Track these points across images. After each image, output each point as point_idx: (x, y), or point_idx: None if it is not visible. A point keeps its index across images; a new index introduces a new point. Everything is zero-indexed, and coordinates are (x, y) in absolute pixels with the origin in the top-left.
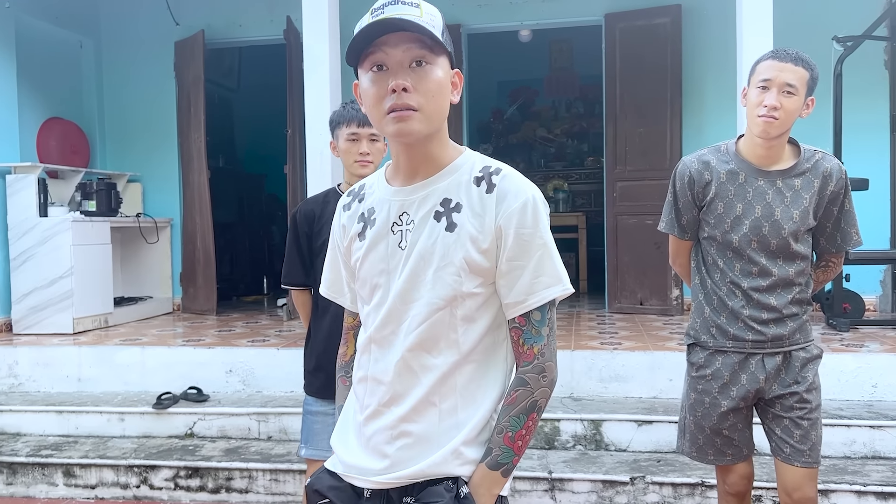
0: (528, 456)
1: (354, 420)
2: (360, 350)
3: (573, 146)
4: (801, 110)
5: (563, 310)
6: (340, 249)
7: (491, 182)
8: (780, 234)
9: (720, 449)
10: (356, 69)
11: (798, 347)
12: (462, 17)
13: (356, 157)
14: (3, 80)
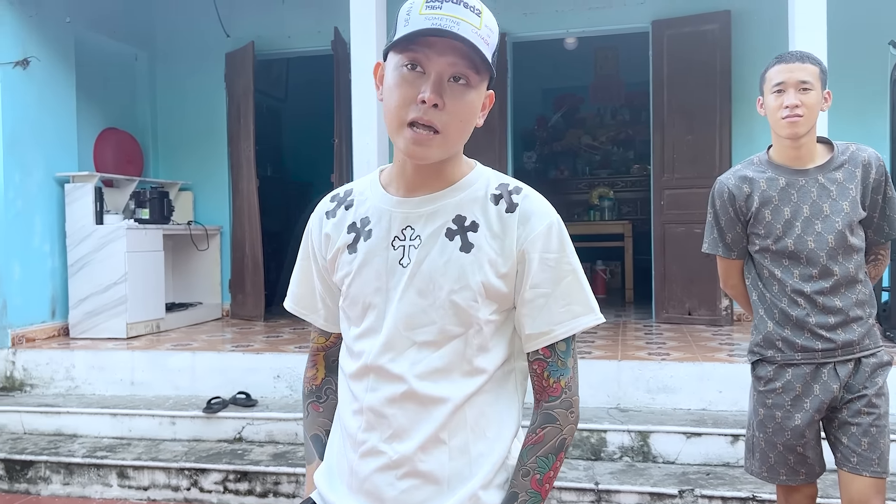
0: (574, 467)
1: (344, 457)
2: (351, 377)
3: (619, 153)
4: (820, 104)
5: (610, 320)
6: (319, 261)
7: (511, 201)
8: (834, 228)
9: (793, 468)
10: (386, 53)
11: (868, 353)
12: (507, 25)
13: None
14: (64, 93)
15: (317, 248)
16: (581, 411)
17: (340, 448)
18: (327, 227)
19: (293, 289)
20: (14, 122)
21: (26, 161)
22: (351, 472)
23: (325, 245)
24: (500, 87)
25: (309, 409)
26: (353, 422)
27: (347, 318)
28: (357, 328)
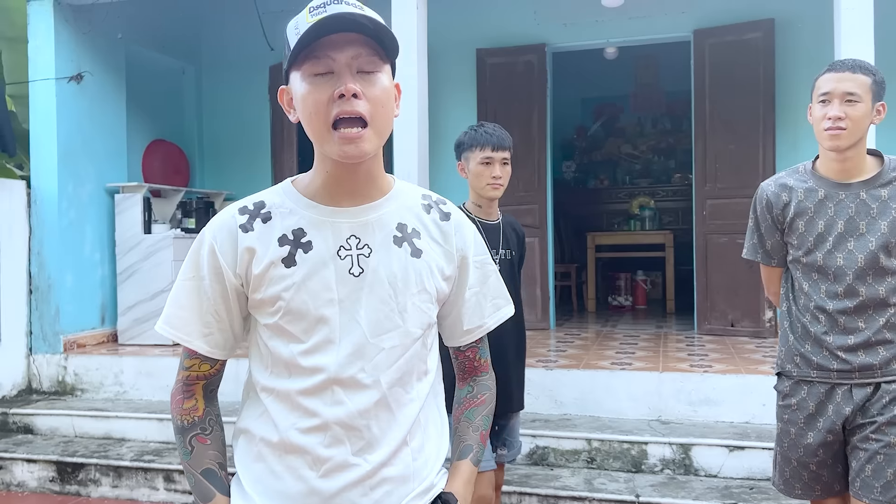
0: (615, 479)
1: (296, 481)
2: (300, 394)
3: (659, 163)
4: (870, 117)
5: (650, 331)
6: (228, 279)
7: (442, 211)
8: (867, 247)
9: (808, 483)
10: (288, 74)
11: (891, 379)
12: (547, 36)
13: (488, 181)
14: (114, 106)
15: (226, 264)
16: (622, 423)
17: (285, 473)
18: (247, 242)
19: (172, 310)
20: (68, 135)
21: (79, 172)
22: (310, 493)
23: (247, 260)
24: (540, 97)
25: (193, 442)
26: (309, 440)
27: (284, 335)
28: (303, 344)
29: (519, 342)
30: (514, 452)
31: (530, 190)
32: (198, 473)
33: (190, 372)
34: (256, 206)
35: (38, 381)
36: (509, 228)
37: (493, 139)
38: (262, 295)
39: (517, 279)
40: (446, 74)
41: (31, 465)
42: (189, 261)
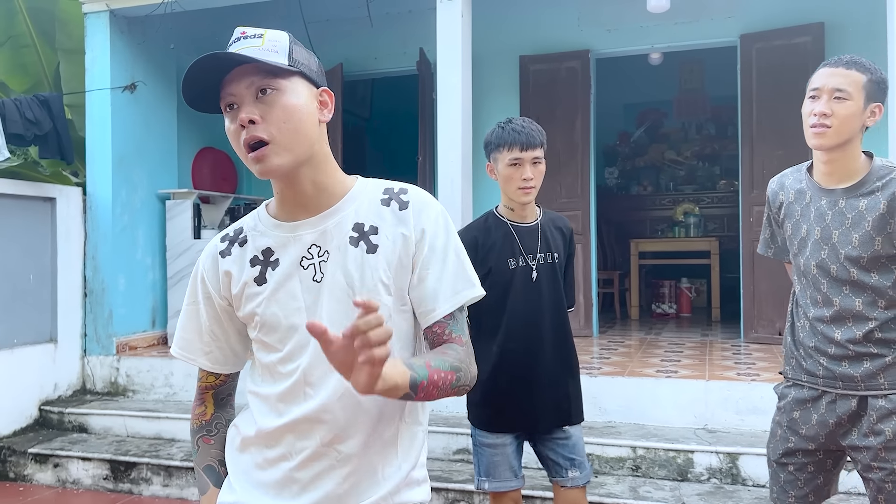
0: (660, 487)
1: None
2: (278, 398)
3: (704, 169)
4: (861, 118)
5: (695, 338)
6: (216, 301)
7: (402, 200)
8: (838, 259)
9: (783, 487)
10: None
11: (877, 394)
12: (590, 42)
13: (519, 184)
14: (166, 115)
15: (213, 289)
16: (667, 431)
17: (266, 464)
18: (225, 266)
19: (180, 334)
20: (122, 143)
21: (132, 179)
22: (288, 481)
23: (226, 283)
24: (583, 103)
25: (199, 442)
26: (283, 434)
27: (264, 346)
28: (280, 353)
29: (561, 349)
30: (586, 474)
31: (573, 196)
32: (199, 469)
33: (201, 382)
34: (236, 232)
35: (91, 382)
36: (551, 228)
37: (521, 137)
38: (242, 312)
39: (562, 283)
40: (489, 81)
41: (86, 464)
42: (189, 287)
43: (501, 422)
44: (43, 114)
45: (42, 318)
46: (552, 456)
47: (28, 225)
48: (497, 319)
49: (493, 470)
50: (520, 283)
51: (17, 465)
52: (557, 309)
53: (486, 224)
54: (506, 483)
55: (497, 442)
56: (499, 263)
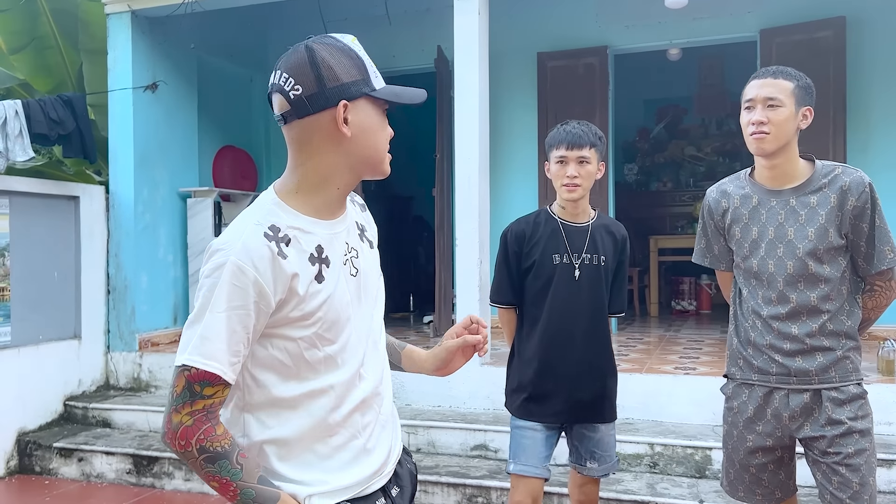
0: (678, 484)
1: (353, 450)
2: (340, 388)
3: (724, 165)
4: (795, 122)
5: (715, 336)
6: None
7: (356, 200)
8: (795, 254)
9: (749, 487)
10: (354, 95)
11: (830, 387)
12: (609, 38)
13: (563, 181)
14: (187, 113)
15: (270, 291)
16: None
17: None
18: (291, 268)
19: (202, 343)
20: (144, 142)
21: (154, 177)
22: (355, 454)
23: (292, 284)
24: (602, 100)
25: (239, 460)
26: (356, 416)
27: (320, 340)
28: (335, 345)
29: (597, 349)
30: (606, 467)
31: (592, 193)
32: (255, 484)
33: (214, 399)
34: (273, 231)
35: (115, 378)
36: (602, 232)
37: (568, 136)
38: (301, 312)
39: (605, 285)
40: (507, 78)
41: (110, 458)
42: (222, 291)
43: (531, 410)
44: (66, 113)
45: (66, 314)
46: (576, 445)
47: (52, 223)
48: (538, 311)
49: (520, 452)
50: (562, 280)
51: (42, 458)
52: (597, 309)
53: (537, 219)
54: (529, 468)
55: (528, 425)
56: (543, 258)
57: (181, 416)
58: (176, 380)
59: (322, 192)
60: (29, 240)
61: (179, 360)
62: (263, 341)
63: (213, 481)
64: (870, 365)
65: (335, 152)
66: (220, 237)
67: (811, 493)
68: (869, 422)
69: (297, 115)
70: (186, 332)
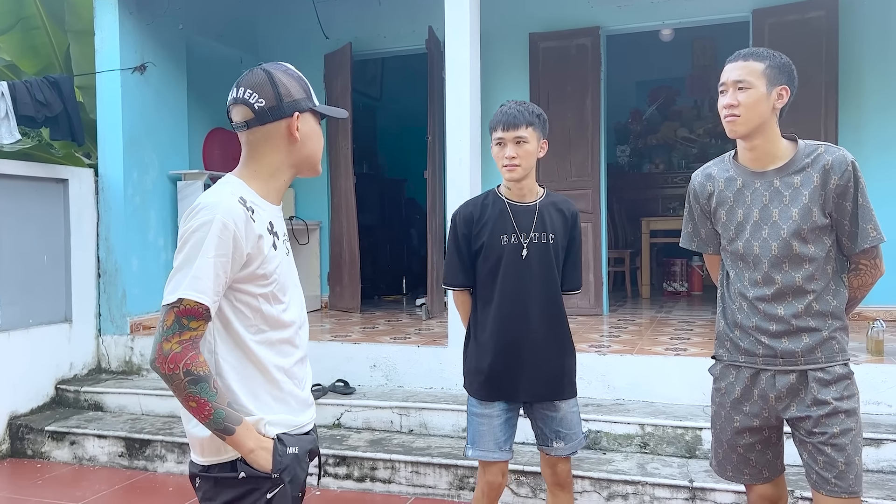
0: (668, 464)
1: (295, 397)
2: (287, 341)
3: (717, 146)
4: (768, 102)
5: (706, 317)
6: (237, 256)
7: None
8: (780, 235)
9: (737, 466)
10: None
11: (816, 367)
12: (601, 18)
13: (503, 162)
14: (176, 95)
15: (244, 243)
16: (675, 409)
17: (285, 394)
18: (257, 229)
19: (195, 282)
20: (132, 124)
21: (143, 160)
22: (298, 401)
23: (255, 242)
24: (594, 81)
25: (216, 385)
26: (296, 368)
27: (273, 299)
28: (282, 304)
29: (552, 326)
30: (573, 444)
31: (583, 175)
32: (225, 406)
33: (197, 332)
34: (243, 201)
35: (106, 361)
36: (551, 210)
37: (504, 118)
38: (265, 269)
39: (556, 263)
40: (499, 59)
41: (102, 441)
42: (213, 241)
43: (489, 389)
44: (53, 95)
45: (57, 298)
46: (540, 426)
47: (41, 206)
48: (490, 292)
49: (478, 439)
50: (510, 259)
51: (34, 442)
52: (548, 287)
53: (485, 201)
54: (488, 454)
55: (485, 412)
56: (491, 239)
57: (171, 344)
58: (166, 315)
59: (271, 182)
60: (17, 223)
61: (174, 297)
62: (231, 296)
63: (192, 401)
64: (859, 345)
65: (284, 153)
66: (202, 199)
67: (799, 473)
68: (855, 402)
69: (259, 122)
70: (176, 276)
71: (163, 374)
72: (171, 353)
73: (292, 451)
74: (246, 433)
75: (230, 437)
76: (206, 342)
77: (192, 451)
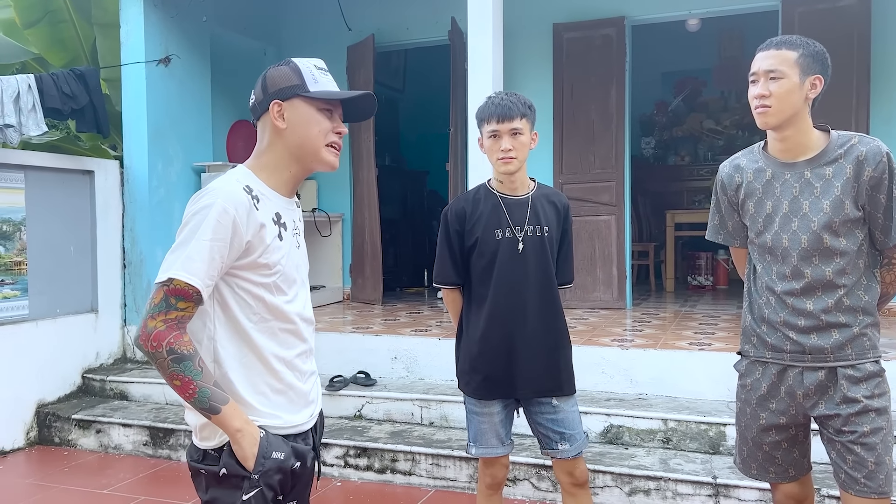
0: (692, 459)
1: (295, 390)
2: (288, 332)
3: (744, 138)
4: (801, 92)
5: (731, 311)
6: (236, 243)
7: (298, 204)
8: (810, 228)
9: (762, 465)
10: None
11: (846, 365)
12: (626, 8)
13: (498, 155)
14: (200, 88)
15: (244, 230)
16: (699, 404)
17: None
18: (261, 218)
19: (188, 263)
20: (157, 116)
21: (167, 152)
22: (299, 395)
23: (257, 230)
24: (618, 72)
25: (201, 363)
26: (298, 360)
27: (276, 289)
28: (286, 296)
29: (548, 320)
30: (578, 445)
31: (607, 167)
32: (211, 386)
33: (185, 313)
34: (249, 189)
35: (131, 351)
36: (543, 202)
37: (498, 109)
38: (267, 259)
39: (551, 256)
40: (523, 51)
41: (127, 430)
42: (211, 225)
43: (486, 389)
44: (79, 88)
45: (83, 288)
46: (542, 429)
47: (68, 198)
48: (485, 288)
49: (480, 437)
50: (506, 254)
51: (61, 430)
52: (545, 280)
53: (476, 196)
54: (491, 450)
55: (485, 410)
56: (485, 234)
57: (156, 322)
58: (155, 293)
59: (277, 173)
60: (45, 214)
61: (165, 275)
62: (233, 283)
63: (176, 380)
64: (890, 341)
65: (280, 142)
66: (208, 186)
67: (826, 471)
68: (886, 400)
69: (256, 116)
70: (171, 255)
71: (146, 351)
72: (154, 331)
73: (277, 455)
74: (233, 412)
75: (216, 417)
76: (206, 329)
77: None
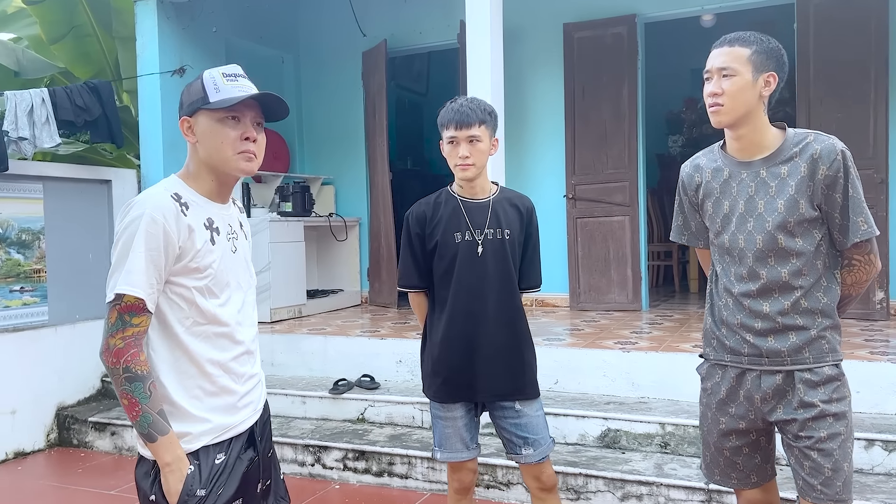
0: (687, 465)
1: (231, 392)
2: (222, 336)
3: None
4: (754, 89)
5: None
6: (170, 249)
7: (238, 205)
8: (765, 228)
9: (724, 470)
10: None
11: (803, 368)
12: (637, 6)
13: (456, 161)
14: None
15: (175, 236)
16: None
17: (218, 388)
18: (188, 221)
19: (129, 276)
20: (173, 126)
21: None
22: (235, 397)
23: (187, 235)
24: (630, 71)
25: (151, 388)
26: (234, 364)
27: (209, 292)
28: (218, 299)
29: (509, 324)
30: (543, 449)
31: (620, 167)
32: (155, 413)
33: (140, 328)
34: (176, 197)
35: None
36: (505, 205)
37: (456, 116)
38: (198, 263)
39: (512, 259)
40: (533, 51)
41: None
42: (143, 237)
43: (446, 392)
44: (93, 100)
45: (101, 295)
46: (506, 434)
47: (86, 207)
48: (445, 291)
49: (444, 441)
50: (465, 257)
51: (79, 432)
52: (505, 283)
53: (437, 199)
54: (456, 454)
55: (448, 415)
56: (445, 237)
57: (115, 339)
58: (109, 313)
59: (202, 182)
60: (63, 223)
61: (112, 294)
62: (167, 288)
63: (125, 398)
64: None
65: (196, 155)
66: (134, 198)
67: None
68: (845, 405)
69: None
70: (113, 275)
71: (106, 365)
72: (114, 348)
73: (201, 493)
74: (168, 446)
75: (151, 445)
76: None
77: None
